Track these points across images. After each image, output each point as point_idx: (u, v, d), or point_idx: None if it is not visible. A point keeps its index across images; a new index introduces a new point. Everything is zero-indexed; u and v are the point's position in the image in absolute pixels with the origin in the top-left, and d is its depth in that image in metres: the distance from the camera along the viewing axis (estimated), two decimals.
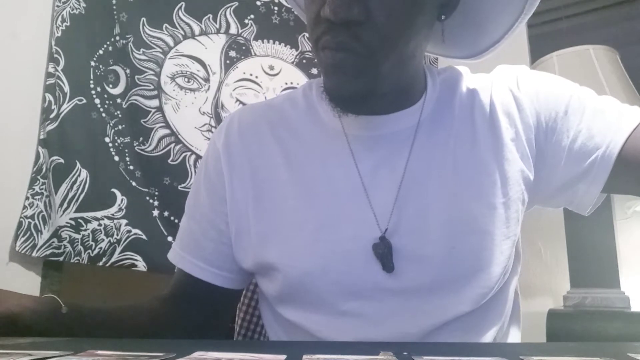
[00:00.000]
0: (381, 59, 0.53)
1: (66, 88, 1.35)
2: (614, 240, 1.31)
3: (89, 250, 1.30)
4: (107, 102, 1.40)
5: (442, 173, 0.58)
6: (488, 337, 0.57)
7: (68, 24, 1.38)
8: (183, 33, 1.47)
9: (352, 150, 0.60)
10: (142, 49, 1.43)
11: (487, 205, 0.57)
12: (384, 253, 0.55)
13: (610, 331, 1.14)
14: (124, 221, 1.34)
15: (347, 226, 0.57)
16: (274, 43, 1.51)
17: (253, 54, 1.50)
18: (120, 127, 1.40)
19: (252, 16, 1.49)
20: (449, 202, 0.56)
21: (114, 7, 1.43)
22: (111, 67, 1.42)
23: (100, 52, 1.42)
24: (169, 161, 1.40)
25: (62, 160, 1.32)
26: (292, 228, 0.58)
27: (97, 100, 1.39)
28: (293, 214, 0.59)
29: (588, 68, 1.29)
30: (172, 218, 1.37)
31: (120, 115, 1.40)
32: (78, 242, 1.29)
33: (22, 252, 1.24)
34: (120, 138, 1.39)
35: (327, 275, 0.56)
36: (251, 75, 1.50)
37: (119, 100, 1.41)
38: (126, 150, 1.39)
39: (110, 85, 1.41)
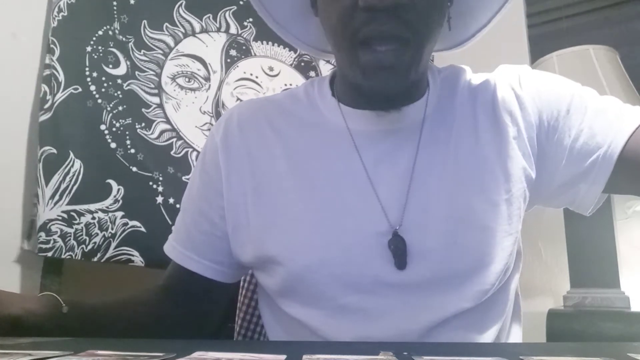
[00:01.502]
0: (423, 46, 0.53)
1: (61, 77, 1.31)
2: (614, 240, 1.31)
3: (83, 245, 1.25)
4: (105, 84, 1.35)
5: (444, 169, 0.58)
6: (490, 335, 0.57)
7: (65, 13, 1.35)
8: (183, 31, 1.46)
9: (356, 144, 0.59)
10: (142, 50, 1.42)
11: (489, 201, 0.57)
12: (400, 249, 0.54)
13: (610, 331, 1.14)
14: (119, 213, 1.29)
15: (351, 218, 0.57)
16: (273, 45, 1.51)
17: (253, 54, 1.50)
18: (120, 108, 1.35)
19: (250, 19, 1.49)
20: (451, 198, 0.56)
21: (115, 9, 1.42)
22: (111, 49, 1.38)
23: (100, 32, 1.37)
24: (172, 153, 1.38)
25: (54, 151, 1.26)
26: (293, 220, 0.58)
27: (92, 87, 1.34)
28: (293, 206, 0.59)
29: (588, 68, 1.29)
30: (177, 206, 1.31)
31: (120, 96, 1.36)
32: (70, 236, 1.24)
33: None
34: (120, 120, 1.34)
35: (328, 267, 0.56)
36: (251, 75, 1.49)
37: (119, 81, 1.37)
38: (127, 133, 1.34)
39: (111, 66, 1.37)
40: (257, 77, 1.49)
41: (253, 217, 0.60)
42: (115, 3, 1.42)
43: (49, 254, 1.23)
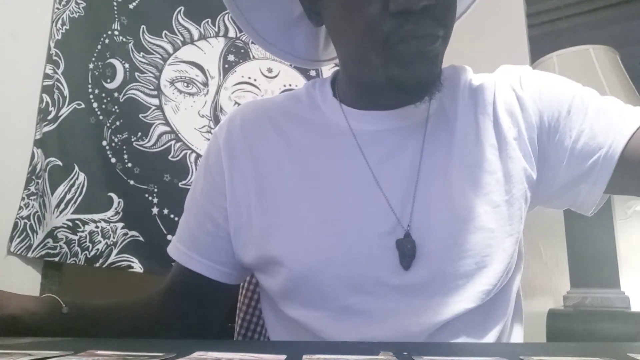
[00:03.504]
0: (449, 37, 0.55)
1: (66, 92, 1.36)
2: (614, 240, 1.31)
3: (86, 252, 1.30)
4: (104, 100, 1.39)
5: (447, 169, 0.58)
6: (492, 336, 0.57)
7: (68, 27, 1.38)
8: (182, 39, 1.47)
9: (359, 144, 0.60)
10: (142, 53, 1.43)
11: (490, 202, 0.57)
12: (410, 250, 0.54)
13: (610, 331, 1.14)
14: (120, 224, 1.34)
15: (357, 219, 0.57)
16: None
17: (252, 57, 1.51)
18: (117, 123, 1.39)
19: None
20: (453, 199, 0.56)
21: (115, 13, 1.43)
22: (108, 61, 1.41)
23: (99, 46, 1.41)
24: (169, 157, 1.40)
25: (59, 163, 1.32)
26: (296, 221, 0.58)
27: (95, 104, 1.39)
28: (297, 207, 0.59)
29: (588, 68, 1.29)
30: (172, 216, 1.36)
31: (117, 110, 1.40)
32: (75, 243, 1.29)
33: (18, 252, 1.24)
34: (118, 135, 1.38)
35: (332, 268, 0.56)
36: (249, 78, 1.50)
37: (115, 95, 1.40)
38: (124, 147, 1.38)
39: (108, 80, 1.41)
40: (255, 80, 1.50)
41: (256, 218, 0.60)
42: (115, 5, 1.43)
43: (55, 259, 1.28)
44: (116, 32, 1.42)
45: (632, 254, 1.41)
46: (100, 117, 1.39)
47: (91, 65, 1.40)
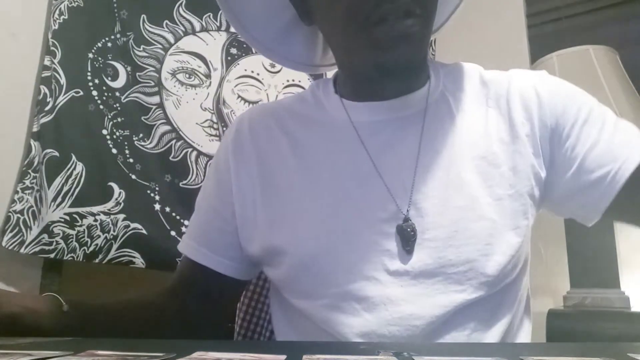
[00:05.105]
0: (430, 19, 0.56)
1: (62, 80, 1.31)
2: (614, 240, 1.31)
3: (85, 247, 1.25)
4: (105, 94, 1.36)
5: (447, 159, 0.59)
6: (497, 330, 0.57)
7: (66, 17, 1.35)
8: (183, 29, 1.46)
9: (360, 135, 0.61)
10: (142, 46, 1.41)
11: (492, 195, 0.57)
12: (410, 234, 0.55)
13: (610, 331, 1.14)
14: (121, 216, 1.30)
15: (358, 206, 0.58)
16: None
17: (254, 51, 1.49)
18: (119, 119, 1.36)
19: None
20: (452, 188, 0.57)
21: (115, 4, 1.42)
22: (110, 62, 1.39)
23: (99, 44, 1.39)
24: (170, 158, 1.38)
25: (56, 153, 1.26)
26: (299, 212, 0.60)
27: (94, 92, 1.34)
28: (300, 199, 0.60)
29: (588, 68, 1.29)
30: (174, 214, 1.34)
31: (119, 108, 1.37)
32: (72, 238, 1.24)
33: (10, 248, 1.18)
34: (120, 130, 1.35)
35: (333, 255, 0.57)
36: (252, 72, 1.49)
37: (118, 94, 1.38)
38: (125, 143, 1.35)
39: (109, 78, 1.38)
40: (258, 74, 1.49)
41: (261, 212, 0.62)
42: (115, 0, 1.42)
43: (51, 256, 1.23)
44: (118, 35, 1.41)
45: (632, 254, 1.41)
46: (101, 106, 1.34)
47: (90, 55, 1.37)
